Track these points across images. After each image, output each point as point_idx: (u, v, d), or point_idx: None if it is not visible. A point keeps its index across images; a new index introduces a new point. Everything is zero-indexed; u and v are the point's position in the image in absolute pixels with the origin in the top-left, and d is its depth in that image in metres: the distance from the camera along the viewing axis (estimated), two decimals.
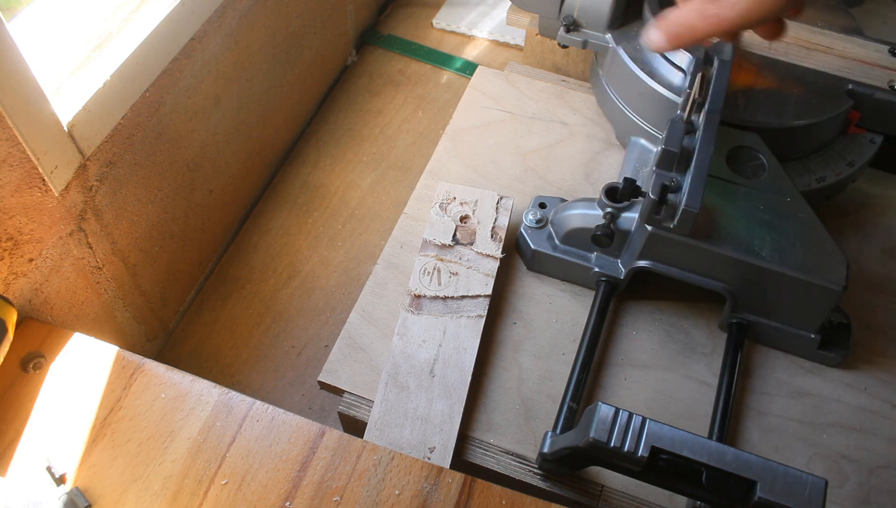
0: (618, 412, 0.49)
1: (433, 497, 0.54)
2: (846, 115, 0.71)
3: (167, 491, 0.54)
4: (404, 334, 0.66)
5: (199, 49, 0.74)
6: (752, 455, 0.47)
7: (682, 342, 0.68)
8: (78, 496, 0.53)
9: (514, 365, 0.67)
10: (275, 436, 0.56)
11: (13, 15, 0.61)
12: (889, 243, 0.75)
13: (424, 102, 1.03)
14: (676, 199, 0.60)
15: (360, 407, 0.64)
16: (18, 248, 0.59)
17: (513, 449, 0.62)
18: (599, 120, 0.83)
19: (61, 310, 0.66)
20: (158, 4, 0.68)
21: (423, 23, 1.13)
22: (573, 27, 0.78)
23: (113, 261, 0.71)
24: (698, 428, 0.63)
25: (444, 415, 0.61)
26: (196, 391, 0.58)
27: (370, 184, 0.95)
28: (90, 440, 0.56)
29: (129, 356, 0.60)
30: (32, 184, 0.59)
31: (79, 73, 0.63)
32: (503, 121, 0.83)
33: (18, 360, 0.59)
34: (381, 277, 0.71)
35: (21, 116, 0.55)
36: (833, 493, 0.60)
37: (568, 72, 0.90)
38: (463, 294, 0.68)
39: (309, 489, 0.54)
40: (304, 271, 0.88)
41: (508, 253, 0.73)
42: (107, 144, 0.65)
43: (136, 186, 0.71)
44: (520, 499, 0.54)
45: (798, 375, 0.67)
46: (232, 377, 0.81)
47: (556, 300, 0.71)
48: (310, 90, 1.01)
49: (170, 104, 0.72)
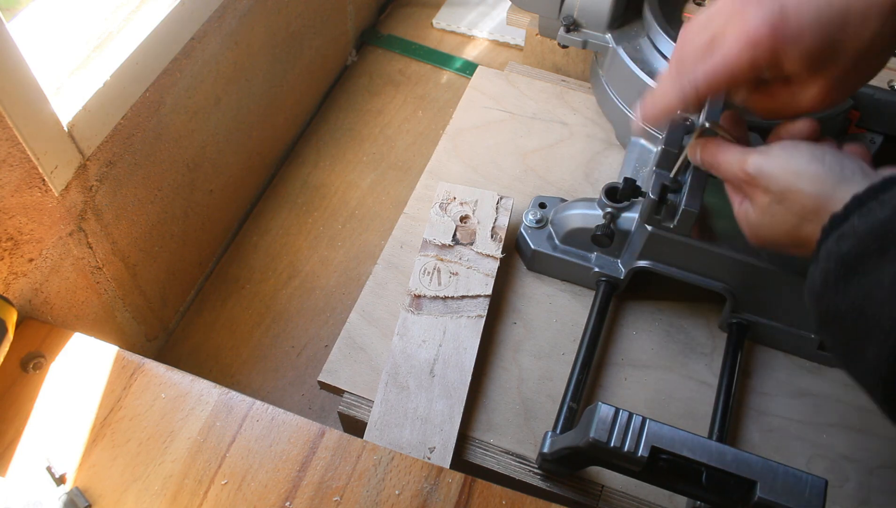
0: (618, 412, 0.49)
1: (433, 497, 0.54)
2: (846, 115, 0.71)
3: (167, 491, 0.54)
4: (404, 334, 0.66)
5: (199, 49, 0.74)
6: (752, 455, 0.47)
7: (682, 342, 0.68)
8: (78, 496, 0.53)
9: (514, 365, 0.67)
10: (275, 436, 0.56)
11: (13, 15, 0.61)
12: None
13: (424, 102, 1.03)
14: (676, 199, 0.60)
15: (360, 407, 0.64)
16: (18, 248, 0.59)
17: (513, 449, 0.62)
18: (599, 120, 0.83)
19: (61, 310, 0.66)
20: (158, 4, 0.68)
21: (423, 23, 1.13)
22: (573, 27, 0.79)
23: (113, 261, 0.71)
24: (698, 428, 0.63)
25: (444, 415, 0.61)
26: (196, 391, 0.58)
27: (370, 184, 0.95)
28: (90, 440, 0.56)
29: (129, 356, 0.60)
30: (32, 184, 0.59)
31: (79, 73, 0.63)
32: (503, 121, 0.83)
33: (18, 360, 0.59)
34: (381, 277, 0.71)
35: (21, 116, 0.55)
36: (833, 493, 0.60)
37: (568, 72, 0.90)
38: (463, 294, 0.68)
39: (309, 489, 0.54)
40: (304, 271, 0.88)
41: (508, 253, 0.73)
42: (107, 144, 0.65)
43: (136, 187, 0.71)
44: (520, 499, 0.54)
45: (798, 375, 0.67)
46: (232, 377, 0.81)
47: (556, 300, 0.71)
48: (310, 90, 1.01)
49: (170, 104, 0.72)
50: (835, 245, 0.44)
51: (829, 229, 0.45)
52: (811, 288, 0.46)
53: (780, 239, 0.52)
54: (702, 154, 0.57)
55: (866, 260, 0.42)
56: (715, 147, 0.55)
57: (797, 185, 0.48)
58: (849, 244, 0.43)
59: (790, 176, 0.49)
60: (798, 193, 0.48)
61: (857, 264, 0.43)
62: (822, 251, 0.45)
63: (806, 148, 0.50)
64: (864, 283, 0.42)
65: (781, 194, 0.49)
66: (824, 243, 0.45)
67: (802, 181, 0.48)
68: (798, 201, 0.48)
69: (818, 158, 0.49)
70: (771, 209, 0.51)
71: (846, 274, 0.43)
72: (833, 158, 0.48)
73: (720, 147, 0.55)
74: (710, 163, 0.56)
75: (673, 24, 0.73)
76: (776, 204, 0.50)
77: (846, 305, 0.43)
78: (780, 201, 0.50)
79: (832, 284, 0.44)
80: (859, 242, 0.43)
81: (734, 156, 0.53)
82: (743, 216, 0.54)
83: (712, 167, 0.56)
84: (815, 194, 0.47)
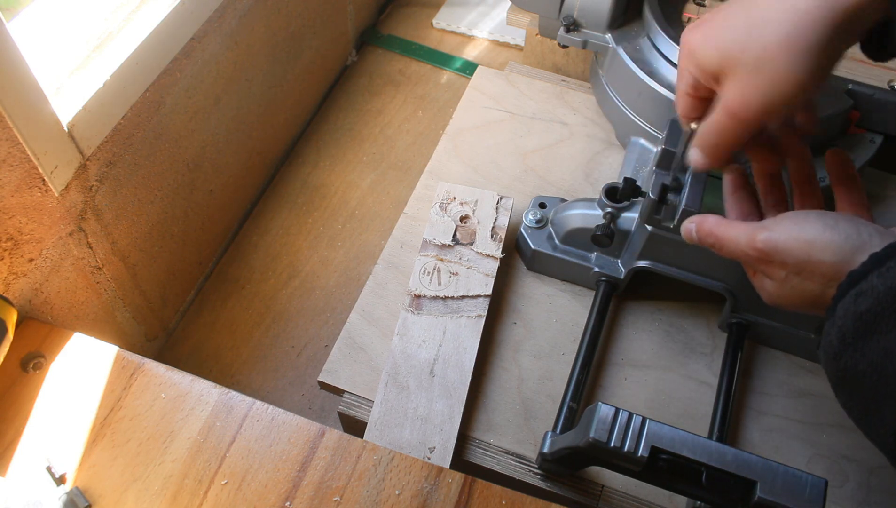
0: (618, 412, 0.49)
1: (433, 497, 0.54)
2: (846, 115, 0.71)
3: (167, 491, 0.54)
4: (404, 334, 0.66)
5: (199, 49, 0.74)
6: (752, 455, 0.47)
7: (682, 342, 0.68)
8: (78, 496, 0.53)
9: (514, 365, 0.67)
10: (275, 436, 0.56)
11: (13, 15, 0.61)
12: None
13: (424, 102, 1.03)
14: (676, 199, 0.60)
15: (360, 407, 0.64)
16: (18, 248, 0.59)
17: (513, 449, 0.62)
18: (599, 120, 0.83)
19: (61, 310, 0.66)
20: (158, 4, 0.68)
21: (423, 23, 1.13)
22: (573, 27, 0.79)
23: (113, 261, 0.71)
24: (698, 428, 0.63)
25: (444, 415, 0.61)
26: (196, 391, 0.58)
27: (370, 184, 0.95)
28: (90, 440, 0.56)
29: (129, 356, 0.60)
30: (32, 184, 0.59)
31: (79, 73, 0.63)
32: (503, 121, 0.83)
33: (18, 360, 0.59)
34: (381, 277, 0.71)
35: (21, 116, 0.55)
36: (833, 493, 0.60)
37: (568, 72, 0.90)
38: (463, 294, 0.68)
39: (309, 489, 0.54)
40: (304, 271, 0.88)
41: (508, 253, 0.73)
42: (107, 144, 0.65)
43: (136, 187, 0.71)
44: (520, 499, 0.54)
45: (798, 375, 0.67)
46: (232, 377, 0.81)
47: (556, 300, 0.71)
48: (310, 90, 1.01)
49: (170, 104, 0.72)
50: (852, 303, 0.43)
51: (847, 287, 0.44)
52: (827, 346, 0.45)
53: (802, 306, 0.50)
54: (699, 233, 0.54)
55: (886, 319, 0.41)
56: (714, 225, 0.53)
57: (815, 256, 0.47)
58: (867, 303, 0.42)
59: (805, 247, 0.47)
60: (817, 263, 0.47)
61: (876, 323, 0.42)
62: (840, 309, 0.44)
63: (816, 217, 0.48)
64: (883, 342, 0.41)
65: (799, 266, 0.48)
66: (841, 300, 0.44)
67: (819, 251, 0.47)
68: (818, 271, 0.47)
69: (831, 225, 0.47)
70: (790, 282, 0.49)
71: (865, 333, 0.42)
72: (848, 224, 0.47)
73: (720, 225, 0.53)
74: (710, 244, 0.53)
75: (673, 24, 0.73)
76: (794, 276, 0.48)
77: (865, 364, 0.42)
78: (799, 272, 0.48)
79: (850, 343, 0.43)
80: (878, 301, 0.42)
81: (740, 235, 0.51)
82: (759, 286, 0.52)
83: (714, 247, 0.53)
84: (834, 261, 0.46)
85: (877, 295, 0.42)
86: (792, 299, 0.50)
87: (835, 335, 0.44)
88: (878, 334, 0.42)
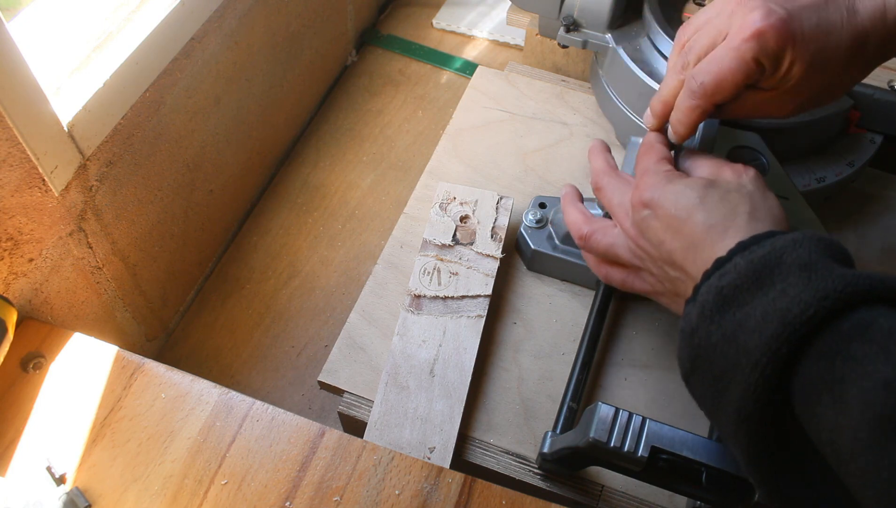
0: (618, 412, 0.49)
1: (433, 497, 0.54)
2: (846, 115, 0.71)
3: (167, 491, 0.54)
4: (404, 334, 0.66)
5: (199, 49, 0.74)
6: None
7: None
8: (78, 496, 0.53)
9: (514, 365, 0.67)
10: (275, 436, 0.56)
11: (13, 15, 0.61)
12: (889, 242, 0.75)
13: (424, 102, 1.03)
14: None
15: (360, 407, 0.64)
16: (18, 248, 0.59)
17: (513, 449, 0.62)
18: (599, 120, 0.83)
19: (61, 310, 0.66)
20: (158, 4, 0.68)
21: (423, 23, 1.13)
22: (573, 27, 0.79)
23: (113, 261, 0.71)
24: (698, 428, 0.63)
25: (444, 415, 0.61)
26: (196, 391, 0.58)
27: (370, 184, 0.95)
28: (90, 440, 0.56)
29: (129, 356, 0.60)
30: (32, 184, 0.59)
31: (79, 73, 0.63)
32: (503, 121, 0.83)
33: (18, 360, 0.59)
34: (381, 277, 0.71)
35: (21, 116, 0.55)
36: None
37: (568, 72, 0.90)
38: (463, 294, 0.68)
39: (309, 489, 0.54)
40: (304, 271, 0.88)
41: (508, 253, 0.73)
42: (107, 144, 0.65)
43: (136, 187, 0.71)
44: (520, 499, 0.54)
45: None
46: (232, 377, 0.81)
47: (556, 300, 0.71)
48: (310, 90, 1.01)
49: (170, 104, 0.72)
50: (716, 281, 0.44)
51: (712, 271, 0.45)
52: (685, 327, 0.46)
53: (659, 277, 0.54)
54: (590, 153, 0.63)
55: (744, 292, 0.43)
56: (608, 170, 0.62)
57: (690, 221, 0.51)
58: (728, 278, 0.44)
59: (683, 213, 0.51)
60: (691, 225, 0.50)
61: (734, 297, 0.43)
62: (703, 289, 0.45)
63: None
64: (738, 315, 0.43)
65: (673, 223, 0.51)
66: (705, 282, 0.45)
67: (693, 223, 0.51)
68: (688, 231, 0.51)
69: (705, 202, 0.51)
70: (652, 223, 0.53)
71: (723, 306, 0.44)
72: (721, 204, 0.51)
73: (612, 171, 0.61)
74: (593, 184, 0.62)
75: (673, 24, 0.73)
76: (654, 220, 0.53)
77: (718, 336, 0.43)
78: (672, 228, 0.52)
79: (707, 316, 0.44)
80: (738, 275, 0.43)
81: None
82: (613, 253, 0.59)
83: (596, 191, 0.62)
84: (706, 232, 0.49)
85: (738, 271, 0.44)
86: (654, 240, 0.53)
87: (695, 313, 0.45)
88: (735, 306, 0.43)
